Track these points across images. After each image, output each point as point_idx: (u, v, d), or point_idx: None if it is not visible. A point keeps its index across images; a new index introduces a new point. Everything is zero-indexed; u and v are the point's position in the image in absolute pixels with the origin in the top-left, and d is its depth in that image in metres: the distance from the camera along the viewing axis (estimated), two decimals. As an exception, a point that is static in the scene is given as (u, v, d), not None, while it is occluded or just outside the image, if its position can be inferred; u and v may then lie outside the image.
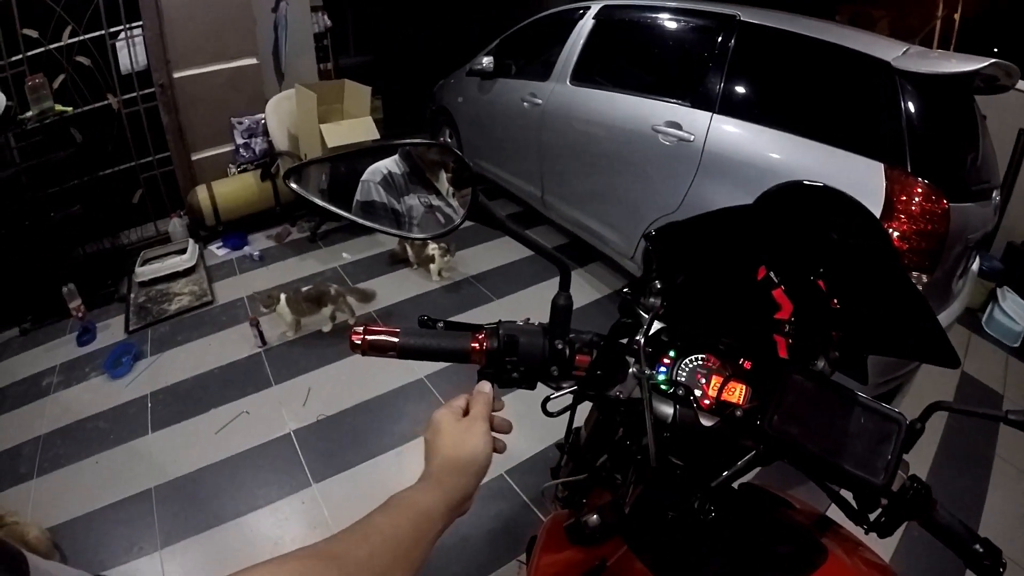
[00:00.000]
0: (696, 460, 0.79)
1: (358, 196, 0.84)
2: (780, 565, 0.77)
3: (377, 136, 4.10)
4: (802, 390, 0.73)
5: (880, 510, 0.70)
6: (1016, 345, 3.45)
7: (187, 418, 2.79)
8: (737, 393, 0.80)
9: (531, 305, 3.46)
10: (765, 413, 0.72)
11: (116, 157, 4.26)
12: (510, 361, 0.77)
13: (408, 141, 0.84)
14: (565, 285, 0.79)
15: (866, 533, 0.74)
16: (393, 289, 3.78)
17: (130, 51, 4.07)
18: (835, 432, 0.70)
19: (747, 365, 0.82)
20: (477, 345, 0.77)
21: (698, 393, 0.81)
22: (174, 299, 3.73)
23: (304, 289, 3.26)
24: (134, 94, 4.19)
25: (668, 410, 0.77)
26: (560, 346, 0.78)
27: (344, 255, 4.22)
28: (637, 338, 0.76)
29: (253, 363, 3.16)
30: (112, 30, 3.97)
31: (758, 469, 0.76)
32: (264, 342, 3.26)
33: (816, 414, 0.71)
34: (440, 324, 0.81)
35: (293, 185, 0.80)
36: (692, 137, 2.84)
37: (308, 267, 4.06)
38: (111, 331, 3.50)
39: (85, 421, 2.81)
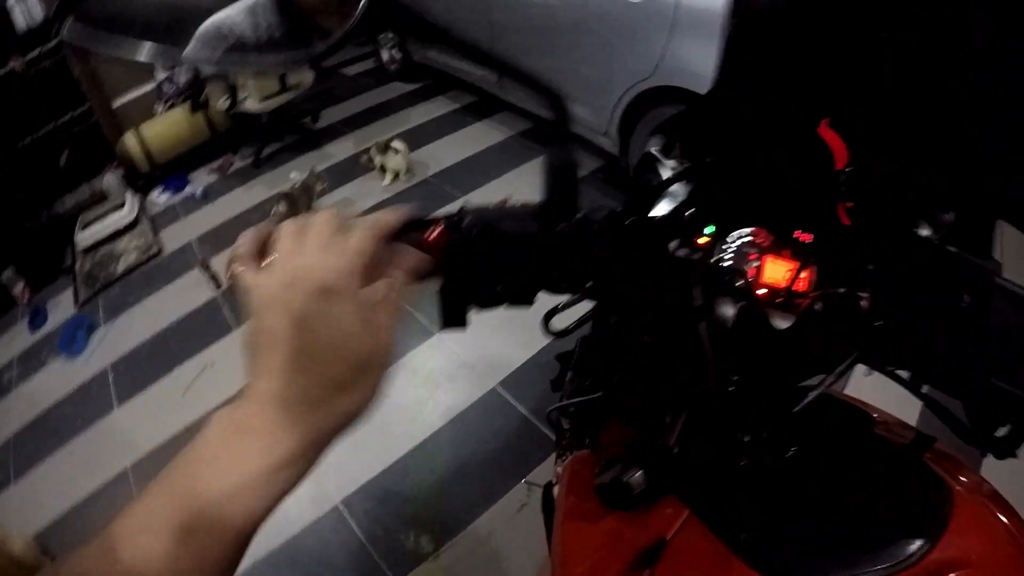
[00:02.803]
0: (764, 376, 0.56)
1: None
2: (900, 523, 0.53)
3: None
4: (909, 272, 0.50)
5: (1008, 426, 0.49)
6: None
7: (152, 383, 2.64)
8: (800, 278, 0.57)
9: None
10: (860, 307, 0.51)
11: (33, 123, 3.89)
12: (489, 266, 0.51)
13: None
14: (562, 120, 0.50)
15: (982, 455, 0.52)
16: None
17: (23, 7, 3.62)
18: (965, 332, 0.47)
19: (805, 238, 0.58)
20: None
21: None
22: (120, 259, 3.46)
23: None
24: (37, 51, 3.76)
25: (729, 311, 0.54)
26: (567, 231, 0.52)
27: (292, 175, 3.86)
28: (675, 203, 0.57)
29: (211, 309, 2.96)
30: (-2, -10, 3.50)
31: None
32: (219, 284, 3.04)
33: (931, 307, 0.49)
34: None
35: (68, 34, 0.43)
36: (660, -11, 2.36)
37: (256, 195, 3.74)
38: (62, 308, 3.28)
39: (50, 410, 2.67)
